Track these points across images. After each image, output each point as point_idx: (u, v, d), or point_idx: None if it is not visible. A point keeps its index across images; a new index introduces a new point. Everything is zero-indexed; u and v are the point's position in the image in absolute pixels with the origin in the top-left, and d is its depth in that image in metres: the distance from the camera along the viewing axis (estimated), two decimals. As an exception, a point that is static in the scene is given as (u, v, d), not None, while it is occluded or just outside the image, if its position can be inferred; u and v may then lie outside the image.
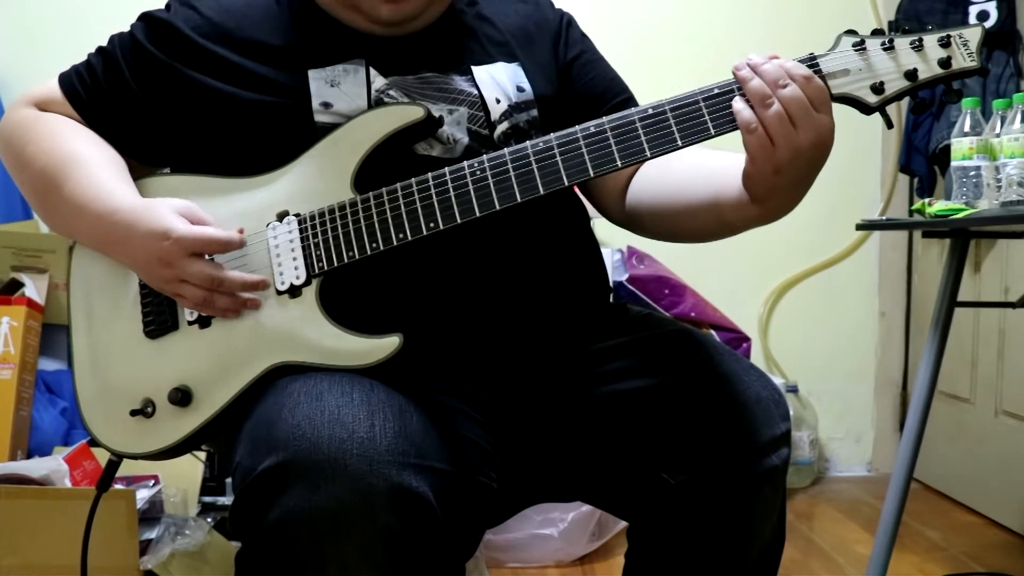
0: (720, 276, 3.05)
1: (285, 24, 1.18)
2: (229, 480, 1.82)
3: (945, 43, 1.01)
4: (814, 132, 0.99)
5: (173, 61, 1.15)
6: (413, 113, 1.07)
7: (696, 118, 1.01)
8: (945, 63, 1.01)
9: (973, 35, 1.02)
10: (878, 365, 3.22)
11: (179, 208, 1.07)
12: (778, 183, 1.02)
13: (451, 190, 1.03)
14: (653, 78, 1.20)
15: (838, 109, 1.03)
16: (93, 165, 1.13)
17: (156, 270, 1.06)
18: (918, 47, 1.01)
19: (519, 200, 1.02)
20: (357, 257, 1.05)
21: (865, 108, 1.03)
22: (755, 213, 1.07)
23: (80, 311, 1.17)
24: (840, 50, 1.03)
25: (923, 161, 2.75)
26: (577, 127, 1.03)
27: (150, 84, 1.17)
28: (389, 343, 1.01)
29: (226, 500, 2.18)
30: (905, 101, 1.06)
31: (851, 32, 1.04)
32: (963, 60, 1.01)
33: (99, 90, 1.18)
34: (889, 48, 1.02)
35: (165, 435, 1.09)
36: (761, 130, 0.99)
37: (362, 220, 1.05)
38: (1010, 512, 2.57)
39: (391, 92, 1.14)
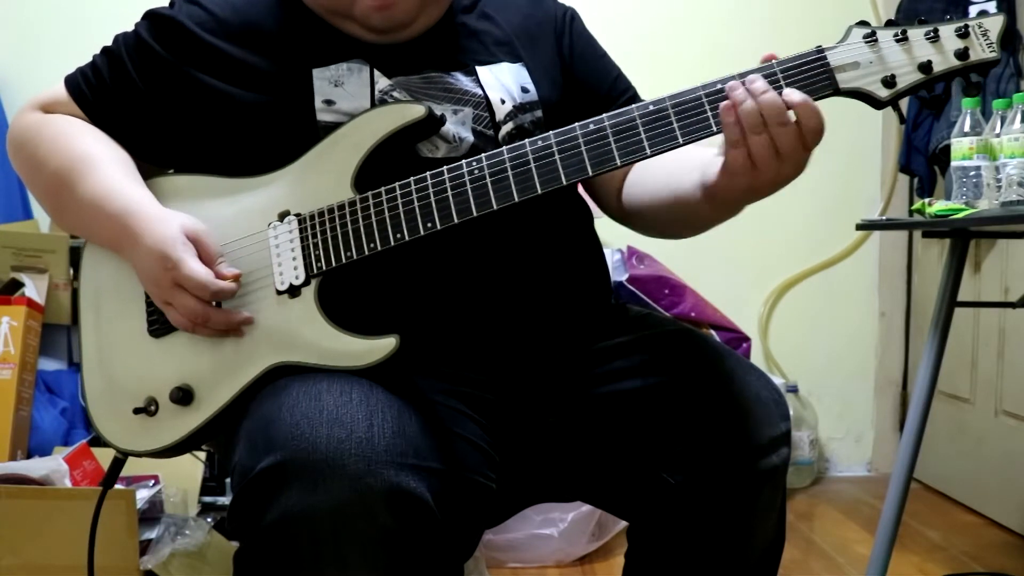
0: (720, 276, 3.05)
1: (289, 23, 1.18)
2: (229, 480, 1.82)
3: (963, 33, 0.98)
4: (796, 166, 0.98)
5: (177, 60, 1.16)
6: (414, 112, 1.07)
7: (698, 115, 0.99)
8: (963, 54, 0.97)
9: (993, 25, 0.98)
10: (878, 365, 3.22)
11: (190, 231, 1.06)
12: (743, 199, 1.02)
13: (449, 190, 1.02)
14: (653, 78, 1.20)
15: (840, 106, 1.01)
16: (106, 164, 1.13)
17: (149, 285, 1.08)
18: (933, 38, 0.98)
19: (516, 200, 1.01)
20: (355, 257, 1.04)
21: (875, 103, 1.00)
22: (706, 211, 1.07)
23: (89, 309, 1.18)
24: (850, 42, 1.00)
25: (923, 161, 2.75)
26: (576, 124, 1.02)
27: (155, 82, 1.17)
28: (386, 344, 1.01)
29: (226, 500, 2.18)
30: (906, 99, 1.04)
31: (862, 23, 1.00)
32: (982, 51, 0.97)
33: (105, 90, 1.18)
34: (902, 40, 0.99)
35: (167, 434, 1.09)
36: (745, 151, 0.97)
37: (360, 220, 1.05)
38: (1010, 512, 2.57)
39: (394, 93, 1.14)
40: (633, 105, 1.02)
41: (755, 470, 1.06)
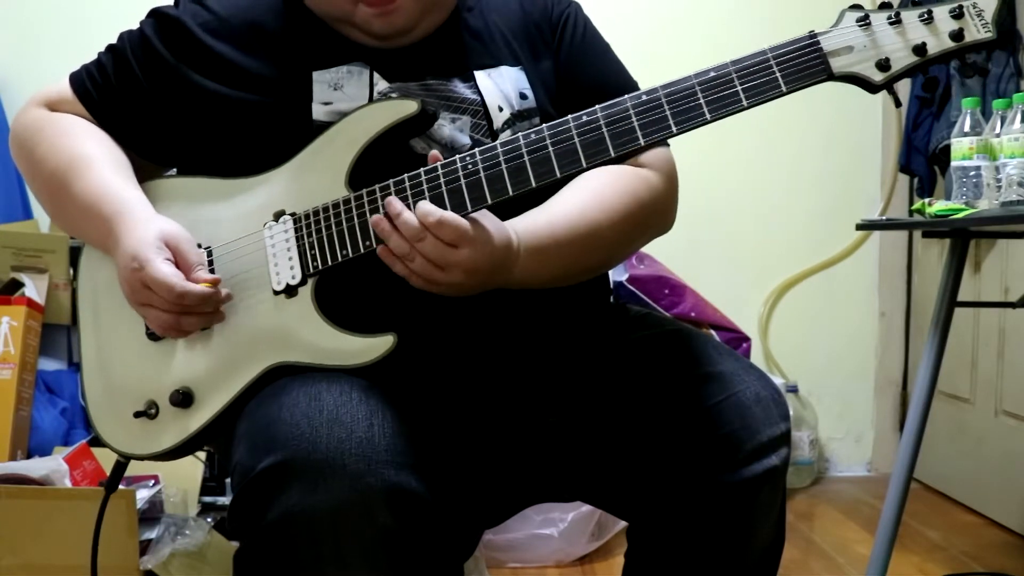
0: (720, 276, 3.05)
1: (292, 24, 1.18)
2: (229, 480, 1.82)
3: (957, 14, 0.96)
4: (460, 272, 0.99)
5: (180, 62, 1.16)
6: (406, 107, 1.07)
7: (691, 103, 0.98)
8: (957, 35, 0.96)
9: (988, 4, 0.96)
10: (878, 365, 3.22)
11: (169, 236, 1.06)
12: (467, 291, 1.02)
13: (443, 185, 1.02)
14: (654, 79, 1.19)
15: (840, 105, 1.01)
16: (101, 166, 1.14)
17: (124, 287, 1.08)
18: (928, 20, 0.97)
19: (511, 194, 1.01)
20: (351, 256, 1.04)
21: (870, 87, 0.99)
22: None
23: (88, 311, 1.18)
24: (843, 26, 0.99)
25: (923, 161, 2.75)
26: (570, 116, 1.01)
27: (159, 82, 1.17)
28: (383, 342, 1.01)
29: (226, 500, 2.18)
30: (907, 98, 1.02)
31: (856, 7, 0.99)
32: (977, 32, 0.96)
33: (110, 88, 1.18)
34: (896, 22, 0.97)
35: (168, 437, 1.09)
36: (416, 278, 1.00)
37: (355, 218, 1.05)
38: (1010, 512, 2.57)
39: (391, 95, 1.14)
40: (626, 95, 1.01)
41: (755, 470, 1.06)
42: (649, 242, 1.23)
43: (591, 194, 1.11)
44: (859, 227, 2.09)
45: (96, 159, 1.14)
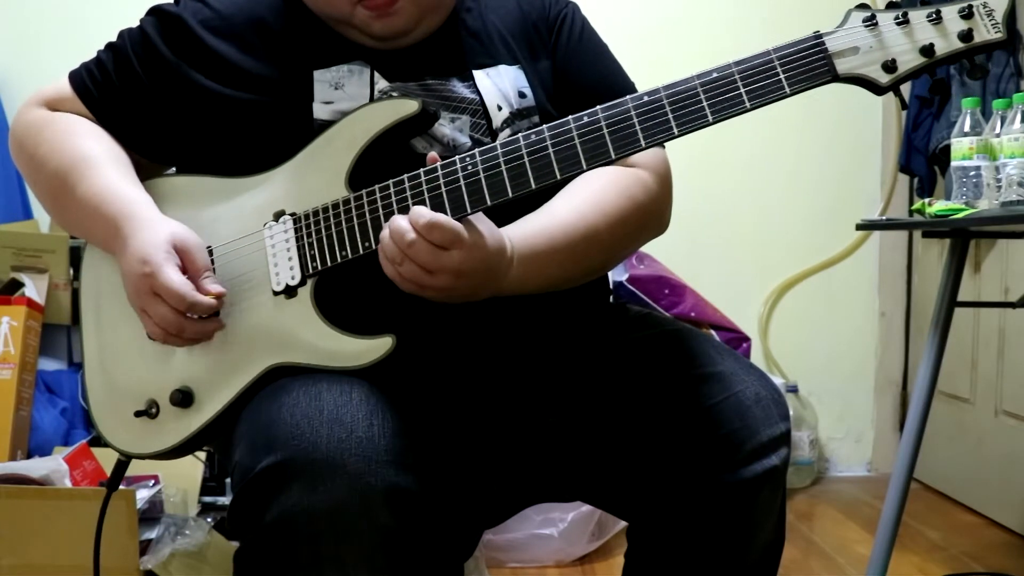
0: (720, 276, 3.05)
1: (293, 23, 1.18)
2: (229, 480, 1.83)
3: (967, 14, 0.94)
4: (448, 277, 0.98)
5: (180, 60, 1.15)
6: (407, 107, 1.06)
7: (693, 104, 0.97)
8: (966, 36, 0.94)
9: (999, 4, 0.94)
10: (878, 365, 3.22)
11: (178, 240, 1.06)
12: (457, 297, 1.01)
13: (442, 186, 1.01)
14: (654, 80, 1.19)
15: (840, 106, 1.01)
16: (105, 166, 1.13)
17: (129, 289, 1.08)
18: (936, 20, 0.95)
19: (511, 195, 1.00)
20: (350, 256, 1.04)
21: (876, 88, 0.97)
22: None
23: (90, 311, 1.19)
24: (849, 26, 0.97)
25: (923, 161, 2.75)
26: (570, 117, 1.00)
27: (159, 80, 1.17)
28: (382, 344, 1.01)
29: (226, 500, 2.18)
30: (907, 97, 1.01)
31: (862, 6, 0.98)
32: (987, 32, 0.94)
33: (110, 86, 1.18)
34: (903, 22, 0.95)
35: (168, 436, 1.10)
36: (405, 282, 0.99)
37: (355, 219, 1.04)
38: (1010, 512, 2.57)
39: (392, 94, 1.14)
40: (627, 96, 1.00)
41: (755, 470, 1.06)
42: (645, 244, 1.23)
43: (588, 197, 1.11)
44: (859, 227, 2.09)
45: (100, 159, 1.14)
